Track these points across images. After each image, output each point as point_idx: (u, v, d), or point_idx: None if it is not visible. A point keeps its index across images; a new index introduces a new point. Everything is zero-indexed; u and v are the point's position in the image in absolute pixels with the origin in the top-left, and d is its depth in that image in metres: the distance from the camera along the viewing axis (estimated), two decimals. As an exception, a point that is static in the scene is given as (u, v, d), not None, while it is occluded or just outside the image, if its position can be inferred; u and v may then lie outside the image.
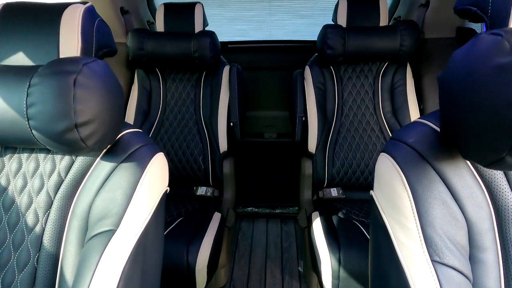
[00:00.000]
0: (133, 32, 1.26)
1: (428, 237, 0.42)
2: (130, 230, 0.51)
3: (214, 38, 1.25)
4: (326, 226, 1.02)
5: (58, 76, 0.46)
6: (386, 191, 0.48)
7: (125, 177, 0.53)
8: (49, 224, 0.55)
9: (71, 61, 0.48)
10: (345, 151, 1.27)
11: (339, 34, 1.19)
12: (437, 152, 0.44)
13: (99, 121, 0.49)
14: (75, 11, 0.55)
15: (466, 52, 0.37)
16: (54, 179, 0.57)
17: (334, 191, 1.27)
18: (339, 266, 0.88)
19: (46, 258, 0.54)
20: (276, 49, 1.86)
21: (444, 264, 0.41)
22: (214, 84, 1.31)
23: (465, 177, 0.43)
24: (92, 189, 0.54)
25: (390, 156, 0.48)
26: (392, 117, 1.28)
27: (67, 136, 0.47)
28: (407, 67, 1.29)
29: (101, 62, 0.52)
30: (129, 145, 0.57)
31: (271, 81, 1.96)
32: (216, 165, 1.29)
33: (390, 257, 0.45)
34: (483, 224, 0.43)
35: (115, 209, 0.51)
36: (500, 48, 0.33)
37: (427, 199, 0.43)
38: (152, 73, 1.35)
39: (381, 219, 0.48)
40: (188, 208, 1.19)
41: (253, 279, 1.34)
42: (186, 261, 0.91)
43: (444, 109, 0.42)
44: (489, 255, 0.43)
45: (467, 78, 0.36)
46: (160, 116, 1.34)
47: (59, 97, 0.45)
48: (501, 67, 0.32)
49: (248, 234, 1.59)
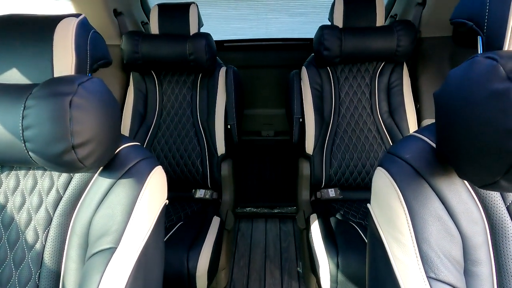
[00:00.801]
0: (127, 35, 1.24)
1: (424, 254, 0.43)
2: (130, 247, 0.51)
3: (210, 41, 1.24)
4: (324, 229, 1.03)
5: (53, 98, 0.45)
6: (382, 206, 0.49)
7: (124, 194, 0.53)
8: (49, 241, 0.55)
9: (66, 81, 0.47)
10: (342, 151, 1.28)
11: (336, 35, 1.18)
12: (433, 168, 0.45)
13: (96, 141, 0.48)
14: (68, 26, 0.54)
15: (462, 74, 0.38)
16: (53, 196, 0.57)
17: (332, 192, 1.28)
18: (337, 270, 0.89)
19: (48, 275, 0.54)
20: (273, 47, 1.84)
21: (439, 280, 0.42)
22: (210, 87, 1.31)
23: (460, 193, 0.44)
24: (91, 205, 0.54)
25: (387, 172, 0.48)
26: (389, 117, 1.28)
27: (64, 158, 0.46)
28: (404, 66, 1.28)
29: (96, 80, 0.51)
30: (127, 160, 0.56)
31: (267, 79, 1.95)
32: (214, 167, 1.29)
33: (386, 271, 0.46)
34: (478, 238, 0.43)
35: (114, 226, 0.51)
36: (495, 74, 0.33)
37: (423, 216, 0.43)
38: (147, 76, 1.34)
39: (378, 233, 0.49)
40: (187, 211, 1.20)
41: (252, 280, 1.36)
42: (186, 268, 0.92)
43: (440, 128, 0.42)
44: (483, 268, 0.43)
45: (463, 101, 0.36)
46: (157, 119, 1.33)
47: (55, 119, 0.45)
48: (496, 93, 0.32)
49: (247, 234, 1.60)
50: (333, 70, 1.30)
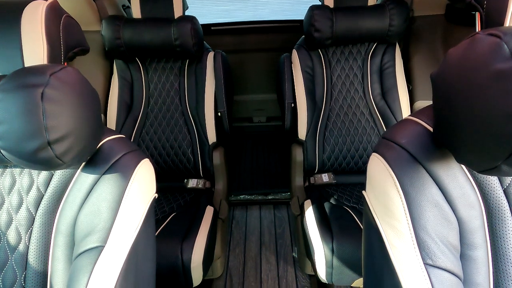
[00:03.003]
0: (107, 20, 1.17)
1: (421, 240, 0.42)
2: (119, 245, 0.49)
3: (196, 24, 1.18)
4: (319, 215, 1.03)
5: (22, 91, 0.41)
6: (378, 193, 0.47)
7: (109, 189, 0.51)
8: (33, 241, 0.53)
9: (36, 72, 0.43)
10: (335, 136, 1.26)
11: (327, 16, 1.14)
12: (430, 153, 0.43)
13: (74, 135, 0.45)
14: (36, 10, 0.49)
15: (462, 54, 0.35)
16: (34, 195, 0.53)
17: (325, 177, 1.27)
18: (332, 255, 0.90)
19: (34, 276, 0.52)
20: (262, 30, 1.78)
21: (437, 266, 0.41)
22: (198, 73, 1.26)
23: (458, 178, 0.43)
24: (75, 203, 0.51)
25: (382, 157, 0.46)
26: (381, 100, 1.26)
27: (40, 155, 0.43)
28: (396, 47, 1.26)
29: (70, 69, 0.47)
30: (111, 154, 0.53)
31: (258, 64, 1.90)
32: (205, 156, 1.27)
33: (382, 259, 0.45)
34: (474, 222, 0.43)
35: (101, 224, 0.49)
36: (498, 52, 0.31)
37: (420, 202, 0.42)
38: (132, 63, 1.28)
39: (374, 221, 0.48)
40: (180, 202, 1.18)
41: (249, 267, 1.37)
42: (181, 260, 0.91)
43: (437, 111, 0.40)
44: (479, 252, 0.43)
45: (463, 82, 0.34)
46: (144, 108, 1.29)
47: (26, 114, 0.41)
48: (499, 73, 0.30)
49: (242, 222, 1.60)
50: (325, 52, 1.27)
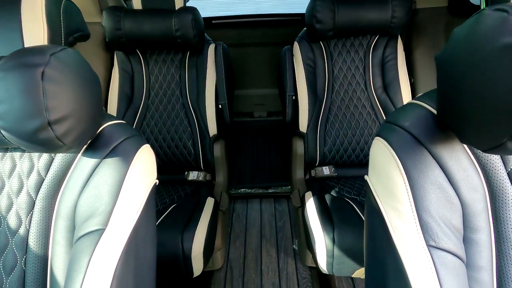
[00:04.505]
0: (108, 10, 1.17)
1: (424, 222, 0.41)
2: (119, 228, 0.49)
3: (197, 15, 1.17)
4: (320, 205, 1.03)
5: (22, 70, 0.41)
6: (381, 176, 0.47)
7: (110, 173, 0.50)
8: (33, 225, 0.53)
9: (36, 52, 0.43)
10: (336, 129, 1.26)
11: (329, 7, 1.13)
12: (433, 135, 0.43)
13: (75, 117, 0.45)
14: None
15: (468, 30, 0.35)
16: (34, 179, 0.53)
17: (326, 170, 1.27)
18: (333, 245, 0.90)
19: (34, 260, 0.52)
20: (264, 23, 1.77)
21: (440, 248, 0.41)
22: (199, 65, 1.25)
23: (461, 160, 0.42)
24: (76, 187, 0.51)
25: (385, 141, 0.46)
26: (383, 93, 1.26)
27: (40, 136, 0.43)
28: (398, 40, 1.25)
29: (70, 51, 0.47)
30: (112, 139, 0.53)
31: (259, 58, 1.89)
32: (206, 149, 1.26)
33: (385, 242, 0.45)
34: (478, 205, 0.42)
35: (102, 207, 0.49)
36: (506, 26, 0.30)
37: (423, 184, 0.42)
38: (132, 55, 1.28)
39: (376, 204, 0.47)
40: (181, 194, 1.18)
41: (249, 259, 1.37)
42: (181, 249, 0.91)
43: (442, 91, 0.40)
44: (482, 235, 0.43)
45: (468, 59, 0.34)
46: (145, 100, 1.28)
47: (27, 93, 0.41)
48: (506, 47, 0.30)
49: (243, 215, 1.60)
50: (326, 44, 1.26)
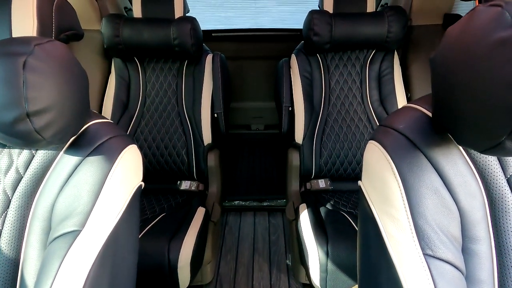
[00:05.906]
0: (107, 18, 1.18)
1: (420, 229, 0.39)
2: (97, 231, 0.46)
3: (195, 24, 1.18)
4: (314, 218, 1.00)
5: (4, 59, 0.40)
6: (375, 181, 0.45)
7: (91, 172, 0.48)
8: (6, 225, 0.49)
9: (20, 41, 0.42)
10: (332, 141, 1.25)
11: (326, 20, 1.15)
12: (429, 138, 0.41)
13: (56, 110, 0.43)
14: None
15: (462, 27, 0.34)
16: (12, 176, 0.51)
17: (322, 183, 1.24)
18: (327, 259, 0.86)
19: (4, 263, 0.49)
20: (262, 37, 1.80)
21: (437, 257, 0.38)
22: (196, 74, 1.25)
23: (458, 164, 0.40)
24: (55, 186, 0.49)
25: (379, 144, 0.44)
26: (380, 106, 1.26)
27: (18, 127, 0.41)
28: (395, 54, 1.26)
29: (57, 43, 0.46)
30: (96, 137, 0.51)
31: (257, 71, 1.90)
32: (200, 158, 1.24)
33: (379, 250, 0.42)
34: (477, 213, 0.40)
35: (80, 207, 0.46)
36: (500, 20, 0.29)
37: (418, 188, 0.40)
38: (130, 62, 1.28)
39: (370, 210, 0.45)
40: (171, 203, 1.14)
41: (240, 274, 1.31)
42: (167, 259, 0.87)
43: (436, 92, 0.38)
44: (482, 246, 0.40)
45: (463, 55, 0.33)
46: (140, 107, 1.27)
47: (6, 82, 0.39)
48: (501, 41, 0.29)
49: (235, 228, 1.55)
50: (323, 57, 1.27)
